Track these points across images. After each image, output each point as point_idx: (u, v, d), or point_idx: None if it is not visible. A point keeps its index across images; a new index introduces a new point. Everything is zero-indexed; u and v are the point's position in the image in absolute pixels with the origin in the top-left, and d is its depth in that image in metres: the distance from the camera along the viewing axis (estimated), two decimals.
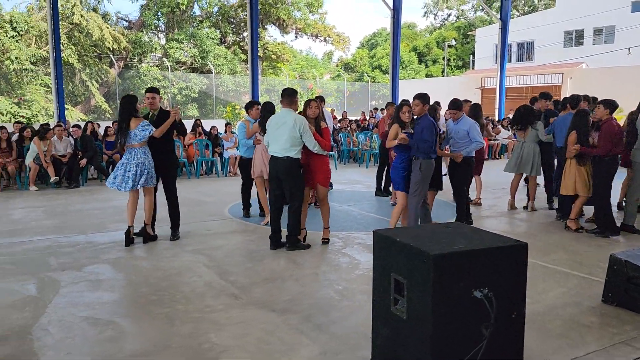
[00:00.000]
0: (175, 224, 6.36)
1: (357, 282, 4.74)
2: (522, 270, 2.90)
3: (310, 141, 5.62)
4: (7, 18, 24.30)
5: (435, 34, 46.79)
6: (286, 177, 5.64)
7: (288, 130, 5.57)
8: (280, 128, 5.66)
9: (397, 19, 18.90)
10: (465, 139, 6.65)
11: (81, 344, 3.54)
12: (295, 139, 5.58)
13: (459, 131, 6.69)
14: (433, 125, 5.85)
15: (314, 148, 5.66)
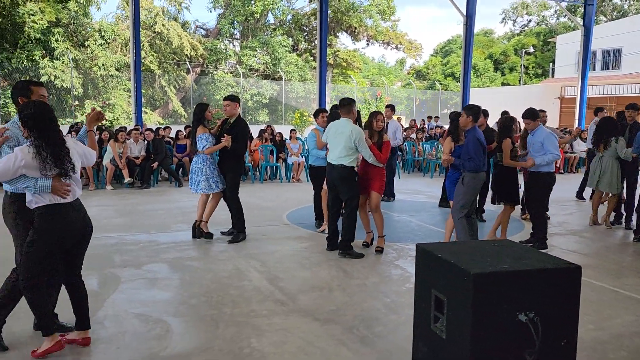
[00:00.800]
0: (236, 227, 6.51)
1: (406, 295, 4.61)
2: (574, 295, 2.69)
3: (365, 152, 5.72)
4: (96, 27, 26.06)
5: (514, 40, 45.14)
6: (340, 184, 5.77)
7: (344, 140, 5.67)
8: (337, 137, 5.77)
9: (470, 25, 18.42)
10: (540, 151, 6.16)
11: (130, 339, 3.67)
12: (350, 149, 5.68)
13: (534, 142, 6.24)
14: (477, 139, 5.55)
15: (370, 159, 5.76)
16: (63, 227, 3.27)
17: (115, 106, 24.79)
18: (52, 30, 23.34)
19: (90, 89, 25.38)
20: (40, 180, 3.13)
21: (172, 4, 29.56)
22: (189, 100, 27.53)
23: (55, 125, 3.20)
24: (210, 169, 6.31)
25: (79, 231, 3.37)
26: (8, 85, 23.34)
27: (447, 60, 44.02)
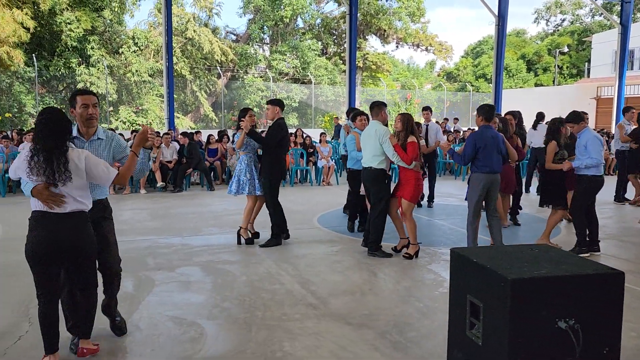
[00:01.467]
0: (272, 230, 6.48)
1: (440, 300, 4.55)
2: (617, 302, 2.60)
3: (389, 151, 5.69)
4: (130, 35, 26.67)
5: (547, 40, 44.19)
6: (370, 186, 5.89)
7: (372, 142, 5.73)
8: (367, 139, 5.87)
9: (502, 26, 18.12)
10: (584, 154, 5.90)
11: (164, 342, 3.72)
12: (377, 150, 5.71)
13: (579, 145, 6.01)
14: (472, 137, 5.68)
15: (394, 158, 5.71)
16: (41, 238, 3.17)
17: (148, 111, 25.31)
18: (87, 38, 23.99)
19: (125, 94, 25.97)
20: (28, 184, 3.16)
21: (202, 10, 30.03)
22: (219, 105, 27.88)
23: (58, 134, 3.10)
24: (250, 172, 6.37)
25: (65, 245, 3.17)
26: (46, 92, 24.08)
27: (478, 61, 43.41)
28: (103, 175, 3.24)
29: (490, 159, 5.59)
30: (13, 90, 22.59)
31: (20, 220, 7.83)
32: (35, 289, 3.30)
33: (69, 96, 3.64)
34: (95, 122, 3.53)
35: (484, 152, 5.57)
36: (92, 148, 3.51)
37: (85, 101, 3.47)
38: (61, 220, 3.16)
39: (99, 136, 3.55)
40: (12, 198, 10.08)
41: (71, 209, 3.18)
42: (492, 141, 5.60)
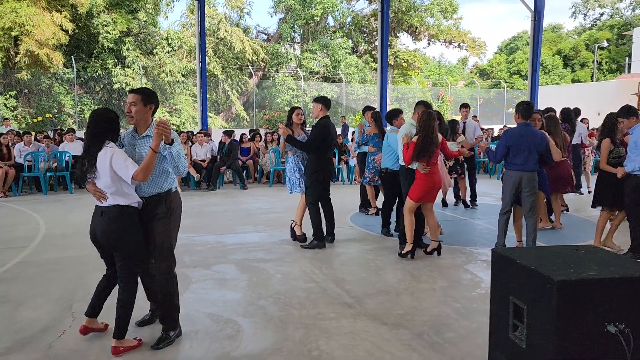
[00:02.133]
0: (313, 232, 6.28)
1: (478, 301, 4.47)
2: None
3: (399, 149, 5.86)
4: (164, 36, 27.15)
5: (585, 35, 42.99)
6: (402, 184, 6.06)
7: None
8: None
9: (539, 20, 17.70)
10: (635, 152, 5.63)
11: (202, 338, 3.76)
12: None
13: (631, 142, 5.74)
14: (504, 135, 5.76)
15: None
16: (91, 225, 3.55)
17: (181, 111, 25.71)
18: (123, 40, 24.52)
19: (159, 94, 26.42)
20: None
21: (234, 10, 30.32)
22: (251, 104, 28.11)
23: (98, 135, 3.37)
24: (297, 171, 6.39)
25: (99, 235, 3.46)
26: (84, 92, 24.73)
27: (513, 57, 42.55)
28: (123, 172, 3.33)
29: (521, 156, 5.54)
30: (53, 91, 23.28)
31: (61, 218, 8.09)
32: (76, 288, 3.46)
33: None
34: (134, 120, 3.56)
35: (514, 150, 5.57)
36: (142, 144, 3.56)
37: (127, 99, 3.62)
38: (100, 213, 3.47)
39: (148, 133, 3.57)
40: (54, 196, 10.38)
41: (107, 204, 3.42)
42: (524, 139, 5.52)
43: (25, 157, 10.57)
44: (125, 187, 3.40)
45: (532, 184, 5.61)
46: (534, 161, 5.57)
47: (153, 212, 3.55)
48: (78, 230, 7.21)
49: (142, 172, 3.32)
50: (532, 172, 5.58)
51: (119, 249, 3.44)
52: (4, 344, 3.62)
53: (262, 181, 12.47)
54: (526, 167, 5.56)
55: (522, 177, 5.60)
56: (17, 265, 5.56)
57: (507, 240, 6.01)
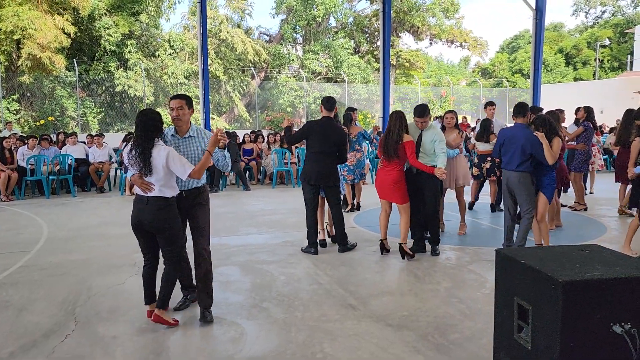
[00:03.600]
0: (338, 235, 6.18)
1: (482, 302, 4.44)
2: None
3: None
4: (166, 38, 27.20)
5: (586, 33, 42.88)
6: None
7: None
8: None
9: (540, 19, 17.62)
10: None
11: (206, 341, 3.75)
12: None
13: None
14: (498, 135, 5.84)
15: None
16: (133, 214, 3.94)
17: None
18: (125, 42, 24.56)
19: (161, 97, 26.47)
20: (129, 172, 3.92)
21: (235, 11, 30.33)
22: (253, 105, 28.13)
23: (147, 133, 3.77)
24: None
25: (147, 222, 3.85)
26: (86, 95, 24.78)
27: (514, 56, 42.49)
28: (180, 170, 3.81)
29: (507, 156, 5.59)
30: (55, 95, 23.33)
31: (64, 221, 8.10)
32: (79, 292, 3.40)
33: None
34: (181, 122, 4.03)
35: (504, 149, 5.67)
36: (185, 144, 4.06)
37: (172, 105, 4.04)
38: (146, 203, 3.85)
39: (190, 134, 4.09)
40: (57, 199, 10.39)
41: (153, 194, 3.84)
42: (513, 139, 5.53)
43: (28, 160, 10.59)
44: (172, 182, 3.88)
45: (521, 185, 5.51)
46: (518, 161, 5.48)
47: (195, 201, 4.13)
48: (81, 234, 7.22)
49: (199, 171, 3.88)
50: (517, 172, 5.49)
51: (165, 232, 3.89)
52: (7, 348, 3.62)
53: (265, 182, 12.46)
54: (509, 166, 5.57)
55: (508, 176, 5.60)
56: (20, 269, 5.56)
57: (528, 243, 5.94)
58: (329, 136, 5.90)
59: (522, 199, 5.57)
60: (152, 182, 3.80)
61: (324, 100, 6.12)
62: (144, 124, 3.79)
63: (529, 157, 5.45)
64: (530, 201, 5.56)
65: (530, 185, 5.54)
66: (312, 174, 5.92)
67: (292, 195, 10.32)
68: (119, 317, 4.15)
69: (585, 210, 8.55)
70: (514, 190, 5.61)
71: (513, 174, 5.55)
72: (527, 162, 5.48)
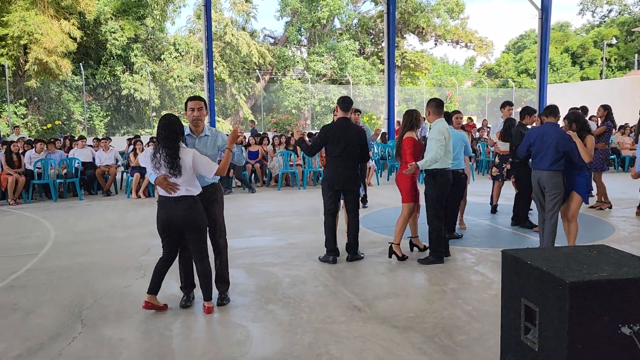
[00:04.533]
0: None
1: (489, 303, 4.42)
2: None
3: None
4: (171, 41, 27.30)
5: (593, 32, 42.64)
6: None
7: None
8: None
9: (546, 19, 17.57)
10: None
11: (212, 344, 3.75)
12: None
13: None
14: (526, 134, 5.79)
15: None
16: (162, 215, 4.12)
17: None
18: (131, 46, 24.68)
19: (167, 100, 26.58)
20: (152, 174, 4.08)
21: (240, 14, 30.41)
22: (259, 108, 28.17)
23: (173, 136, 3.95)
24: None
25: (179, 222, 4.06)
26: (93, 99, 24.90)
27: (520, 56, 42.31)
28: (207, 169, 4.08)
29: (538, 155, 5.51)
30: (62, 99, 23.46)
31: (71, 224, 8.13)
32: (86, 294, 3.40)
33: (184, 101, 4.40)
34: (201, 122, 4.31)
35: (534, 149, 5.58)
36: (201, 143, 4.32)
37: (192, 105, 4.27)
38: (175, 203, 4.05)
39: (205, 133, 4.36)
40: (64, 203, 10.44)
41: (179, 194, 4.04)
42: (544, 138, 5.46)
43: (35, 164, 10.65)
44: (196, 180, 4.11)
45: (552, 184, 5.44)
46: (551, 160, 5.41)
47: (213, 197, 4.38)
48: (87, 237, 7.24)
49: (224, 168, 4.16)
50: (549, 171, 5.43)
51: (196, 229, 4.12)
52: (14, 351, 3.63)
53: (270, 184, 12.46)
54: (541, 165, 5.49)
55: (540, 175, 5.52)
56: (27, 272, 5.58)
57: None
58: (349, 138, 5.62)
59: (550, 198, 5.49)
60: (177, 183, 4.00)
61: (340, 101, 5.78)
62: (170, 127, 3.96)
63: (562, 155, 5.38)
64: (556, 203, 5.46)
65: (560, 185, 5.45)
66: (338, 179, 5.63)
67: (297, 198, 10.32)
68: (125, 320, 4.16)
69: (610, 208, 8.50)
70: (545, 190, 5.53)
71: (544, 173, 5.47)
72: (559, 161, 5.39)
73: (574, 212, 5.58)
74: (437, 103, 5.61)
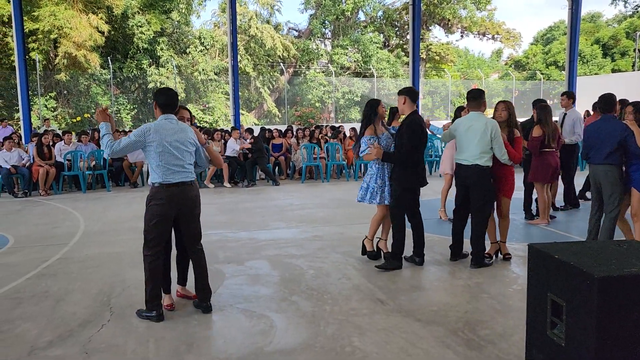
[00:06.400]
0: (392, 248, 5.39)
1: (514, 298, 4.37)
2: None
3: (499, 150, 5.10)
4: (196, 34, 27.53)
5: (625, 23, 41.44)
6: (474, 188, 5.18)
7: (478, 136, 5.08)
8: (469, 133, 5.17)
9: (577, 9, 17.18)
10: None
11: (236, 333, 3.79)
12: (486, 146, 5.08)
13: None
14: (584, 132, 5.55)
15: (503, 157, 5.13)
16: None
17: (214, 109, 26.04)
18: (157, 40, 24.98)
19: (192, 93, 26.85)
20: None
21: (264, 7, 30.47)
22: (282, 101, 28.24)
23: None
24: (386, 175, 5.35)
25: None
26: (120, 93, 25.32)
27: (549, 48, 41.40)
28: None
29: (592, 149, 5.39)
30: (90, 92, 23.92)
31: (100, 215, 8.31)
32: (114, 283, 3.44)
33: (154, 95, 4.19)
34: None
35: (588, 145, 5.46)
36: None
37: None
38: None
39: None
40: (92, 194, 10.67)
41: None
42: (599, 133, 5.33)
43: (65, 156, 10.89)
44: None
45: (607, 179, 5.28)
46: (605, 153, 5.23)
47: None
48: (115, 227, 7.40)
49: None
50: (604, 164, 5.27)
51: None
52: (46, 337, 3.74)
53: (294, 177, 12.51)
54: (595, 159, 5.36)
55: (594, 170, 5.40)
56: (58, 261, 5.73)
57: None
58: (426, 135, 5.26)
59: (607, 194, 5.32)
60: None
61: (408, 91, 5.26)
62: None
63: (617, 147, 5.16)
64: (615, 198, 5.28)
65: (617, 179, 5.25)
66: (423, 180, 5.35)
67: (321, 190, 10.35)
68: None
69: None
70: (600, 185, 5.39)
71: (599, 168, 5.32)
72: (614, 154, 5.19)
73: (636, 210, 5.24)
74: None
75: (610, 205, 5.33)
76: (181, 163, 3.99)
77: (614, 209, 5.32)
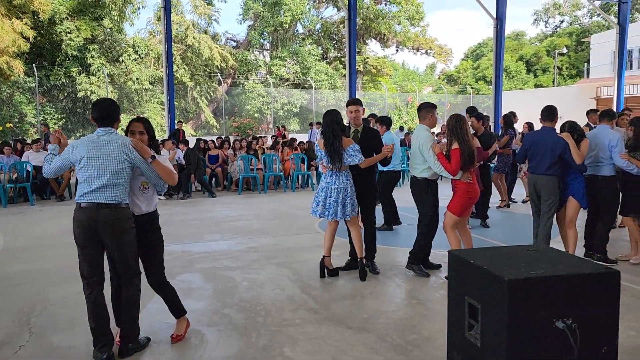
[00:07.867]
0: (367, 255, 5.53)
1: (441, 303, 4.54)
2: (614, 301, 2.60)
3: (429, 160, 5.15)
4: (130, 43, 26.78)
5: (546, 42, 44.24)
6: (414, 199, 5.44)
7: (415, 148, 5.31)
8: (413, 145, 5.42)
9: (501, 28, 18.15)
10: None
11: (165, 350, 3.72)
12: (419, 157, 5.24)
13: None
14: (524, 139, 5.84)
15: (436, 169, 5.16)
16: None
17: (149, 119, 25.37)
18: (87, 47, 24.08)
19: (125, 103, 26.04)
20: None
21: (202, 17, 30.12)
22: (220, 111, 27.94)
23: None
24: (352, 189, 5.26)
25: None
26: (47, 101, 24.16)
27: (478, 64, 43.46)
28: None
29: (534, 159, 5.62)
30: (14, 100, 22.66)
31: (23, 230, 7.89)
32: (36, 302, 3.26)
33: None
34: None
35: (530, 153, 5.69)
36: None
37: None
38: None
39: None
40: (14, 208, 10.11)
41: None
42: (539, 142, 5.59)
43: None
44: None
45: (548, 188, 5.51)
46: (547, 164, 5.47)
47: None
48: (40, 243, 7.05)
49: None
50: (546, 175, 5.50)
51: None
52: None
53: (231, 189, 12.40)
54: (537, 169, 5.58)
55: (536, 180, 5.61)
56: None
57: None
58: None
59: (546, 203, 5.57)
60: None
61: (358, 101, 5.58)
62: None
63: (558, 159, 5.43)
64: (553, 206, 5.54)
65: (556, 189, 5.52)
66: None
67: (258, 202, 10.32)
68: (76, 327, 4.07)
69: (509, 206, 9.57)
70: (541, 193, 5.62)
71: (541, 177, 5.56)
72: (555, 166, 5.46)
73: (571, 217, 5.59)
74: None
75: (547, 214, 5.60)
76: (102, 182, 3.46)
77: (550, 217, 5.60)
